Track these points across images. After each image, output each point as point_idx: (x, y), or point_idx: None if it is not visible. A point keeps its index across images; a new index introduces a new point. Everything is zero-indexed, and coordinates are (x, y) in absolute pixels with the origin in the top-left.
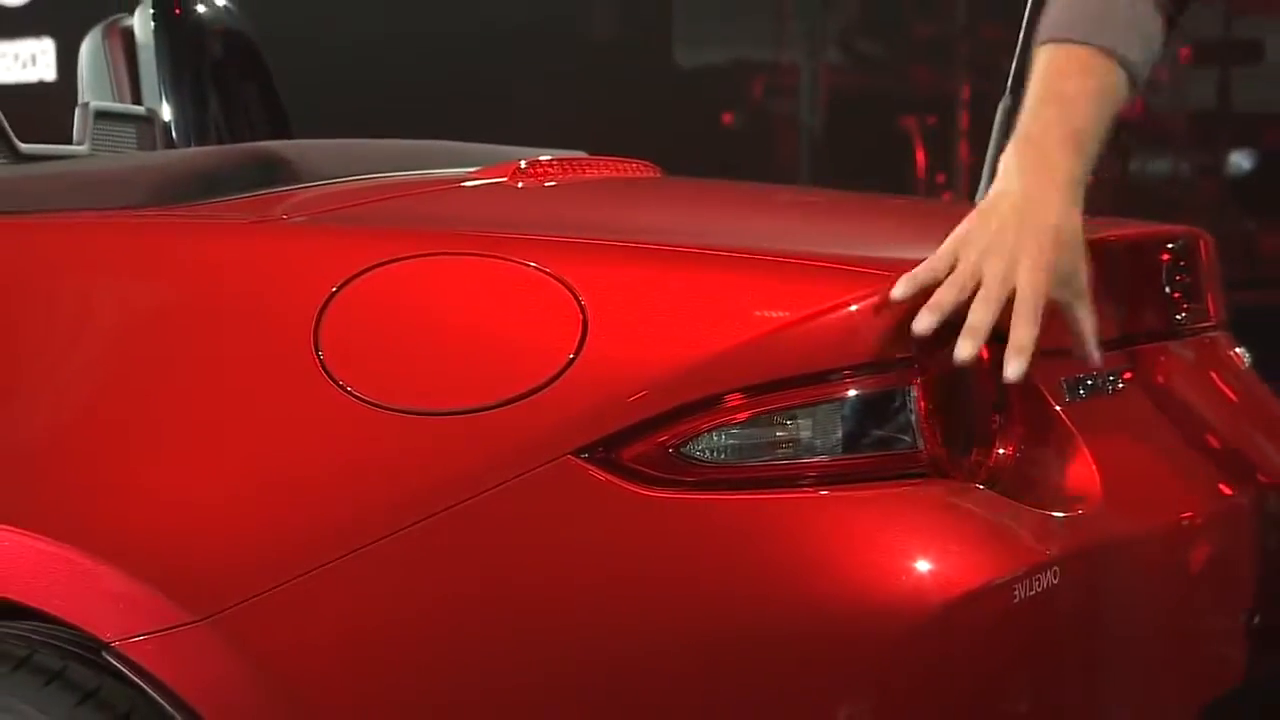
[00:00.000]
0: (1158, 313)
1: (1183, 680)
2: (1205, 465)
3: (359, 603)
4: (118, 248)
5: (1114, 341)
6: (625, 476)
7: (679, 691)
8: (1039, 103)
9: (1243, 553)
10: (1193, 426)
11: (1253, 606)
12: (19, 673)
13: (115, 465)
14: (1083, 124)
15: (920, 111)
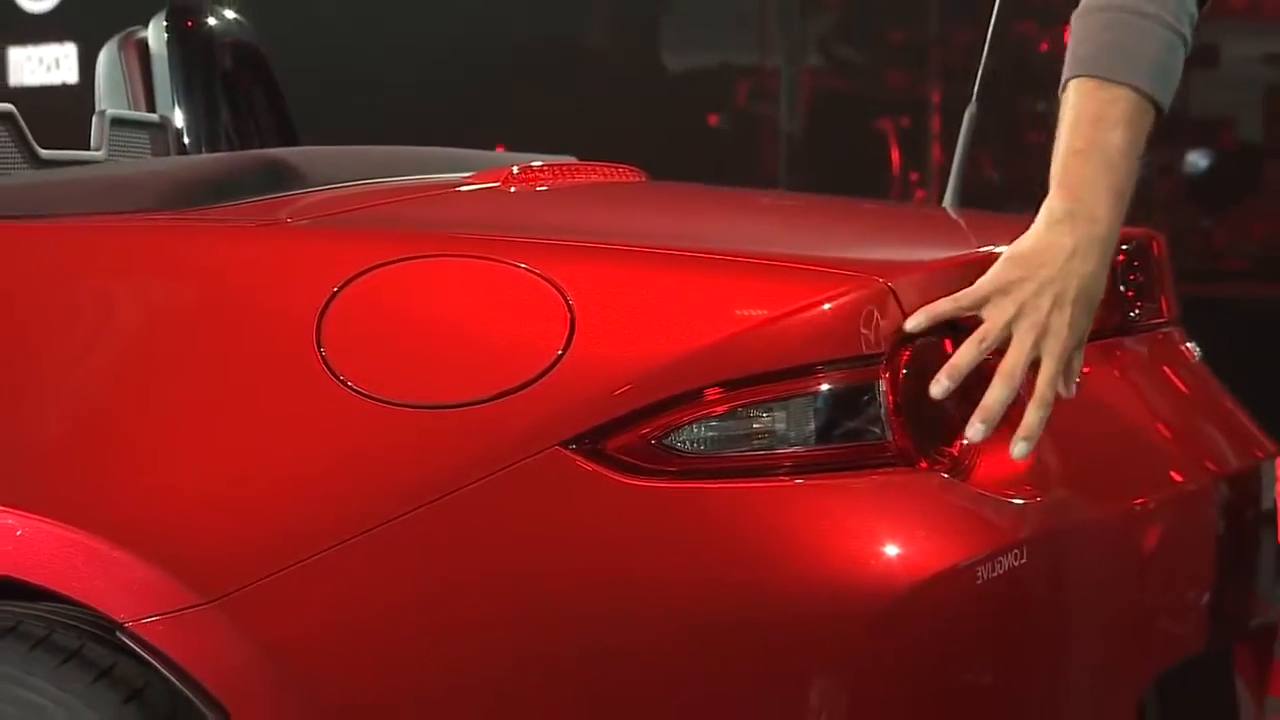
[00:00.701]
0: (1113, 310)
1: (1137, 653)
2: (1158, 454)
3: (358, 586)
4: (132, 250)
5: None
6: (611, 466)
7: (661, 670)
8: (1082, 154)
9: (1192, 535)
10: (1147, 418)
11: (1201, 585)
12: (38, 651)
13: (130, 457)
14: (1124, 181)
15: (894, 113)
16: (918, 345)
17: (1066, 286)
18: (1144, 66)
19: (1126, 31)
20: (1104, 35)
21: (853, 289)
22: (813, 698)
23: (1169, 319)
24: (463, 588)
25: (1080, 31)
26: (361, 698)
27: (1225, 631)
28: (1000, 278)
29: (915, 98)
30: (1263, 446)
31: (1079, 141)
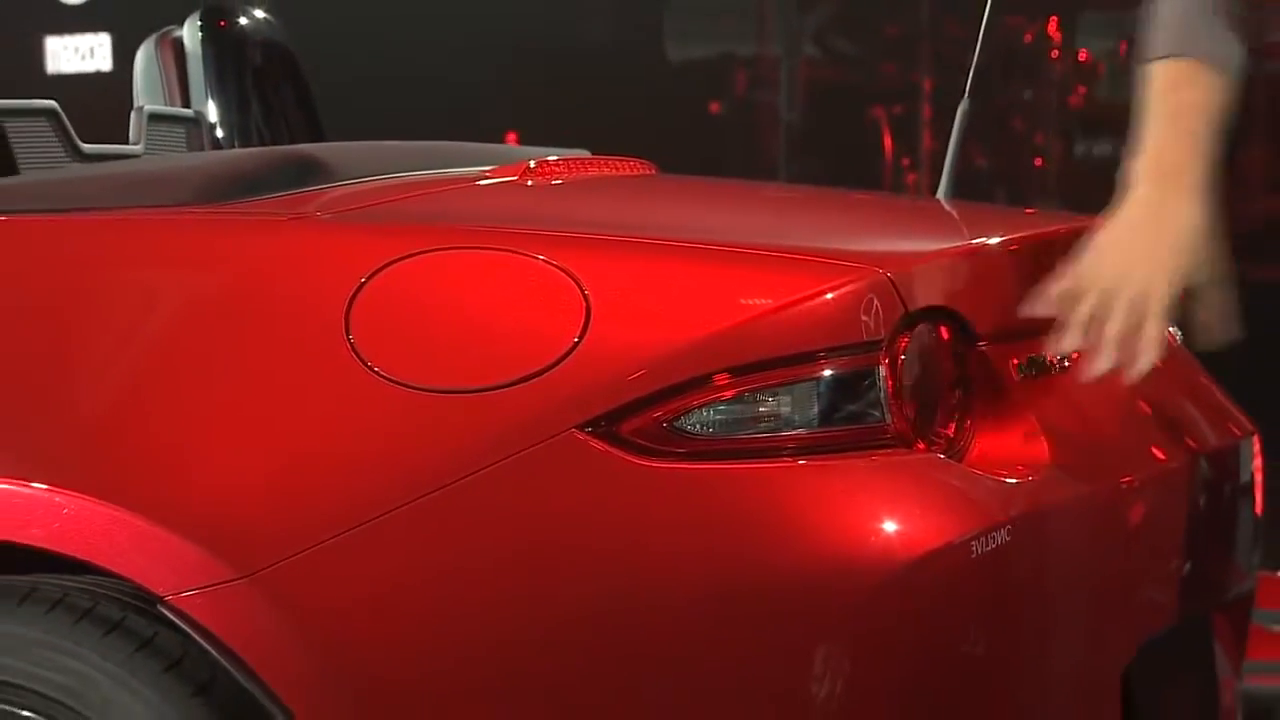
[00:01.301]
0: None
1: (1122, 624)
2: (1142, 434)
3: (385, 562)
4: (170, 242)
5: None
6: (624, 448)
7: (673, 639)
8: (1163, 117)
9: (1175, 511)
10: (1131, 399)
11: (1183, 558)
12: (84, 622)
13: (169, 439)
14: (1201, 129)
15: (886, 102)
16: (915, 332)
17: (1159, 233)
18: (1205, 41)
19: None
20: (1174, 26)
21: (854, 279)
22: (816, 664)
23: None
24: (485, 563)
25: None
26: (389, 668)
27: (1206, 601)
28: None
29: (907, 87)
30: (1241, 425)
31: (1160, 108)
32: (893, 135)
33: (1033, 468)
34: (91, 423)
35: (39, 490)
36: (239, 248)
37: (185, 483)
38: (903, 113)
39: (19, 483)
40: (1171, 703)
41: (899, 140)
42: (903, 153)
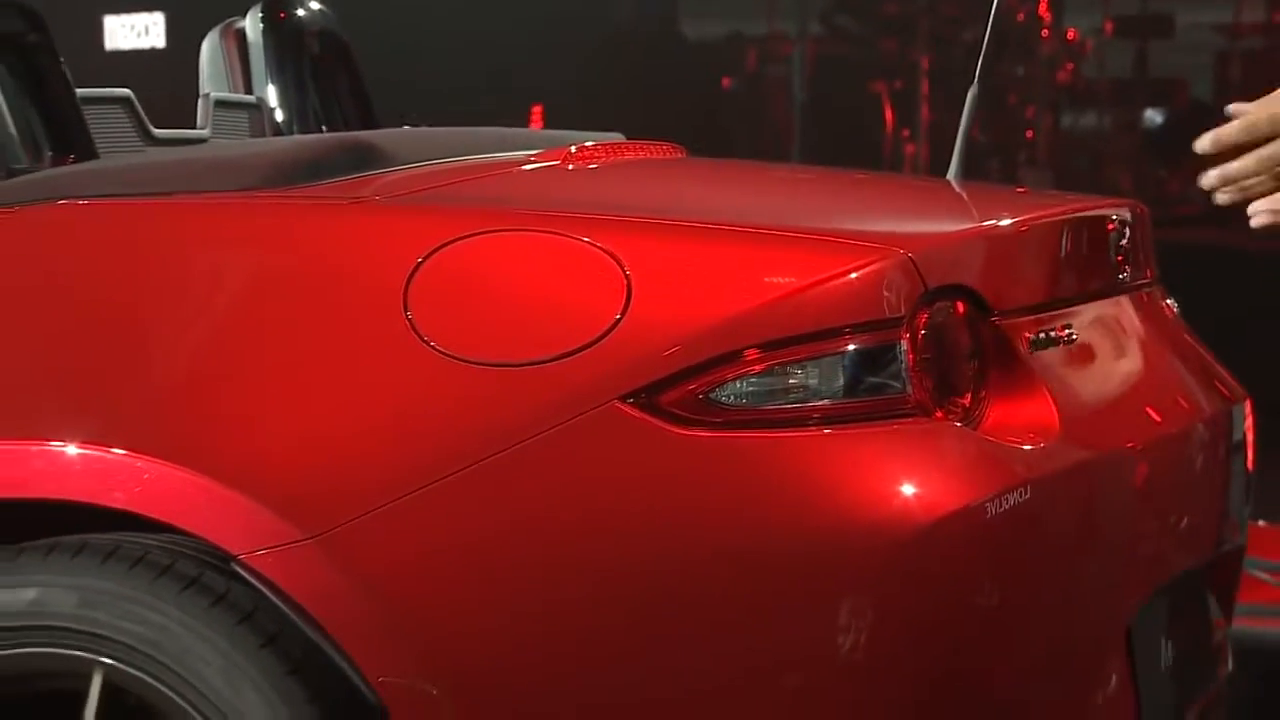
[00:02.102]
0: (1106, 274)
1: (1128, 579)
2: (1144, 401)
3: (440, 525)
4: (240, 225)
5: (1071, 300)
6: (663, 418)
7: (708, 597)
8: None
9: (1176, 473)
10: (1134, 369)
11: (1182, 517)
12: (163, 578)
13: (240, 408)
14: None
15: (890, 78)
16: (934, 309)
17: None
18: None
19: None
20: None
21: (877, 259)
22: (842, 618)
23: (1151, 280)
24: (533, 525)
25: None
26: (444, 622)
27: (1203, 555)
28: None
29: (909, 65)
30: (1234, 391)
31: None
32: (896, 110)
33: (1043, 434)
34: (169, 393)
35: (120, 456)
36: (304, 230)
37: (257, 449)
38: (904, 88)
39: (101, 448)
40: (1169, 651)
41: (903, 115)
42: (904, 126)
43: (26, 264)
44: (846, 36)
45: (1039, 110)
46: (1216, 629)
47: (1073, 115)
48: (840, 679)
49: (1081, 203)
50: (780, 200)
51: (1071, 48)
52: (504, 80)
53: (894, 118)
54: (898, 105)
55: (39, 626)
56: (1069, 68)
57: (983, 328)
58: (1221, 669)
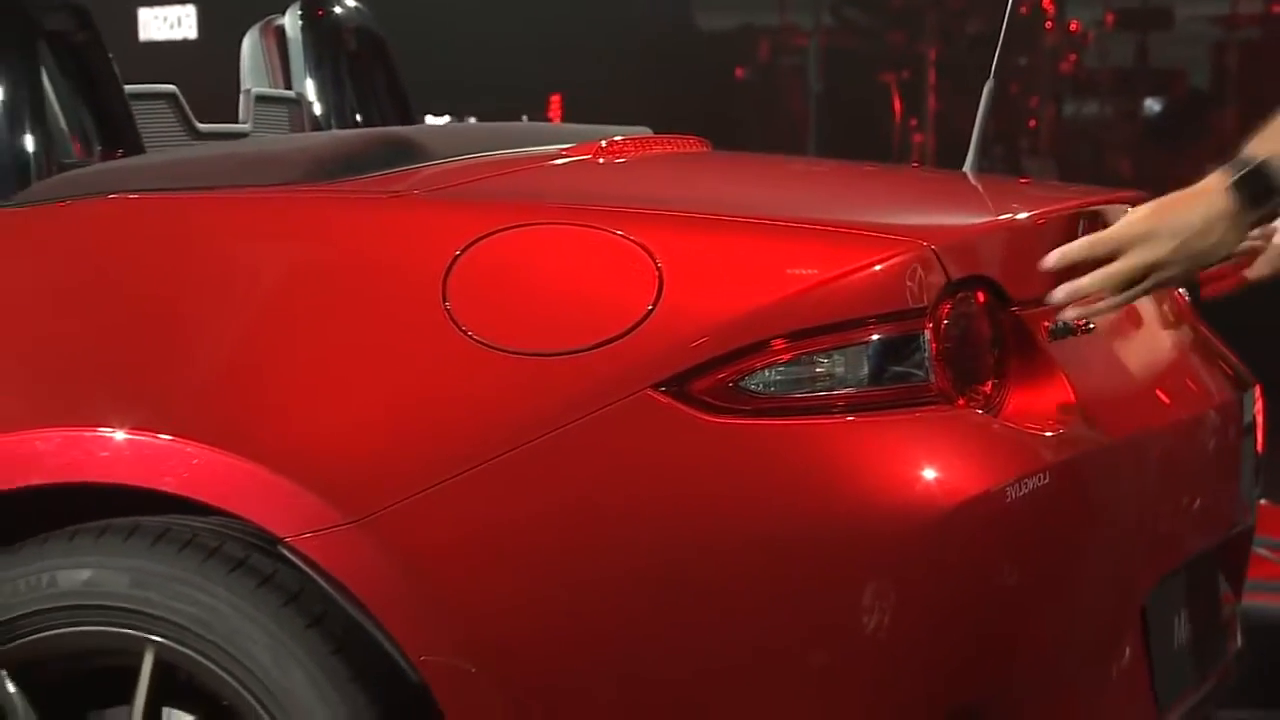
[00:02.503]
0: None
1: (1144, 560)
2: (1158, 388)
3: (478, 509)
4: (284, 218)
5: None
6: (694, 406)
7: (735, 576)
8: None
9: (1190, 457)
10: (1148, 357)
11: (1196, 500)
12: (212, 560)
13: (286, 397)
14: None
15: (897, 68)
16: (956, 299)
17: (1199, 251)
18: None
19: None
20: None
21: (900, 252)
22: (868, 599)
23: None
24: (567, 509)
25: None
26: (481, 602)
27: (1215, 536)
28: (1141, 230)
29: (915, 55)
30: (1244, 377)
31: None
32: (905, 100)
33: (1062, 420)
34: (217, 382)
35: (170, 442)
36: (345, 224)
37: (302, 436)
38: (912, 79)
39: (151, 435)
40: (1182, 629)
41: (911, 105)
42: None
43: (79, 257)
44: (856, 29)
45: (1042, 100)
46: (1226, 607)
47: (1075, 105)
48: (866, 658)
49: (1095, 195)
50: (805, 193)
51: (1074, 39)
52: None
53: (902, 107)
54: (906, 95)
55: (93, 606)
56: (1071, 58)
57: (1003, 317)
58: (1231, 645)
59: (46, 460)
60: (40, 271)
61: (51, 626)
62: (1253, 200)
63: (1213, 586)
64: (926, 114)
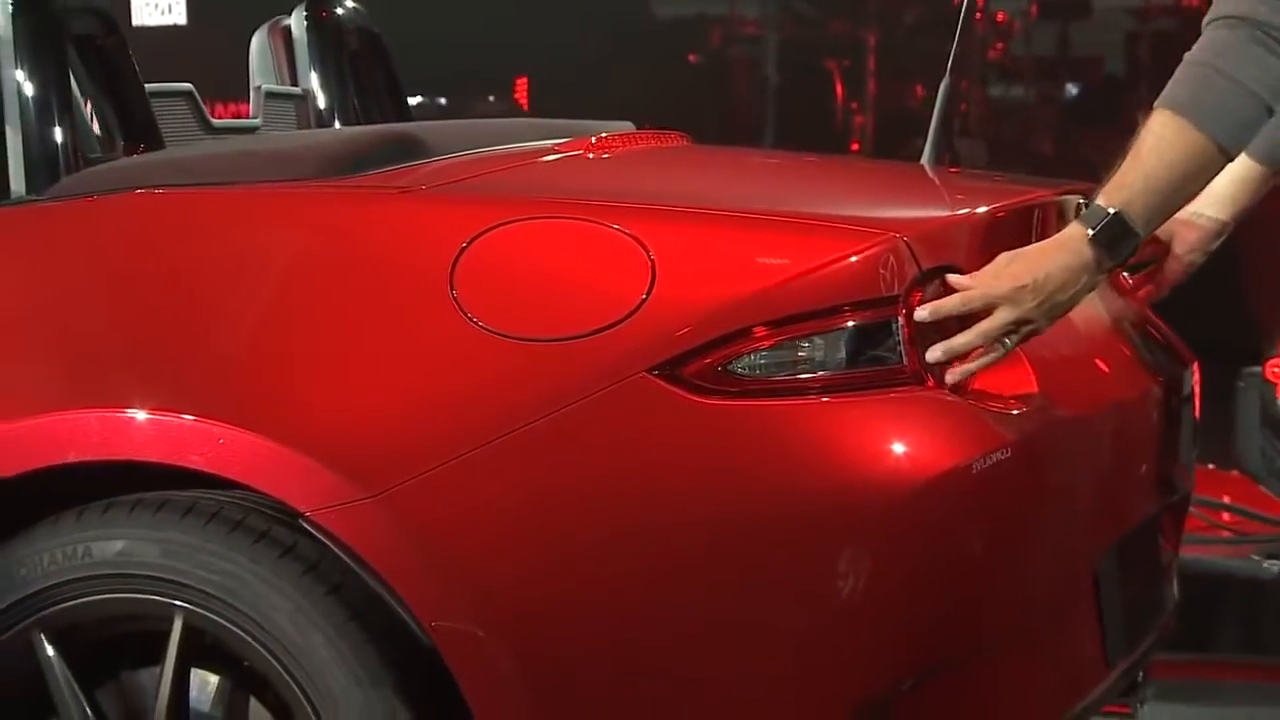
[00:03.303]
0: None
1: (1097, 528)
2: (1109, 367)
3: (486, 484)
4: (299, 213)
5: None
6: (686, 388)
7: (721, 544)
8: (1147, 179)
9: (1137, 432)
10: (1099, 338)
11: (1142, 472)
12: (236, 532)
13: (305, 380)
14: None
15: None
16: (928, 288)
17: (1061, 302)
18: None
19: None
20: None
21: (876, 243)
22: (846, 565)
23: None
24: (569, 484)
25: (1182, 76)
26: (489, 570)
27: (1160, 503)
28: (1009, 288)
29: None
30: (1185, 357)
31: (1149, 166)
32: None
33: (1022, 400)
34: (241, 366)
35: (197, 422)
36: (359, 217)
37: (321, 417)
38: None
39: (180, 415)
40: (1129, 588)
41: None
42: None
43: (109, 250)
44: (801, 18)
45: (971, 85)
46: (1166, 566)
47: (1001, 89)
48: (847, 619)
49: (1049, 188)
50: (785, 187)
51: (1000, 28)
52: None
53: (844, 91)
54: (847, 80)
55: (126, 575)
56: (999, 46)
57: None
58: (1169, 599)
59: (82, 439)
60: (74, 263)
61: (87, 594)
62: (1110, 249)
63: (1155, 547)
64: (867, 98)
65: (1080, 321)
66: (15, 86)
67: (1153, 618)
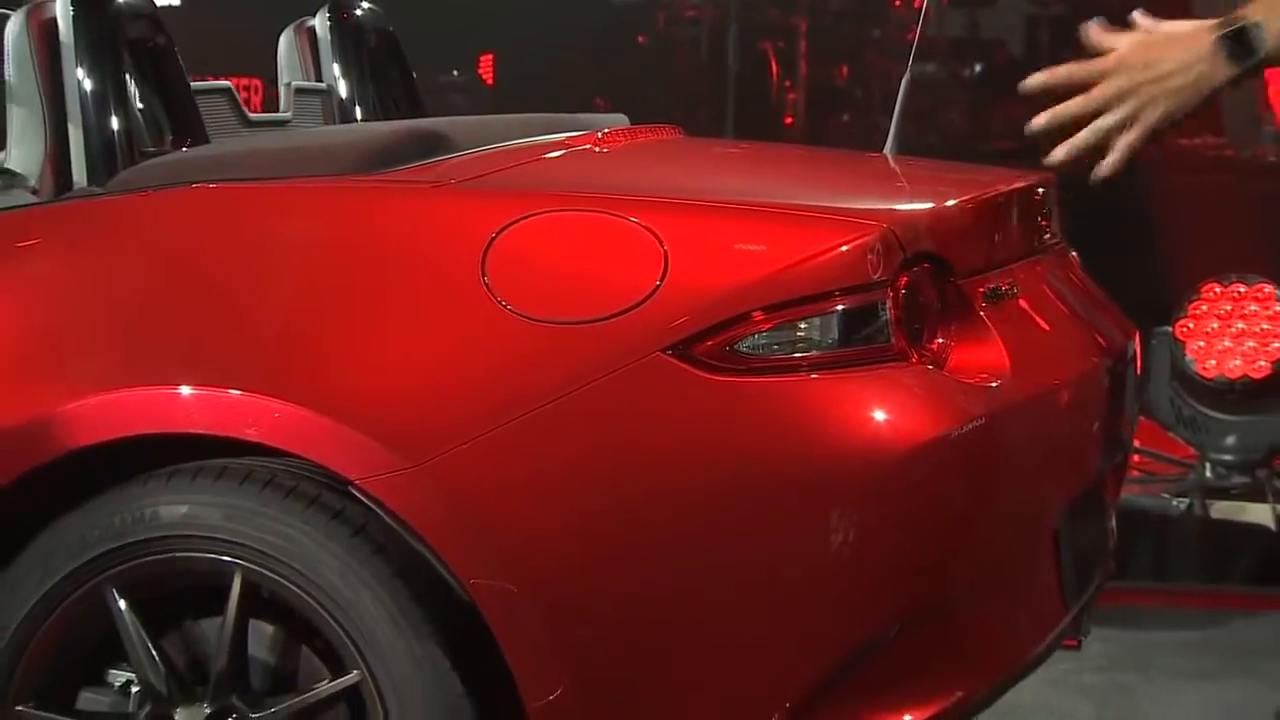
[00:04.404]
0: (1035, 236)
1: (1058, 488)
2: (1069, 340)
3: (518, 453)
4: (342, 205)
5: (1012, 259)
6: (696, 366)
7: (727, 507)
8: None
9: (1093, 400)
10: (1060, 314)
11: (1095, 436)
12: (289, 498)
13: (353, 361)
14: None
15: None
16: (911, 273)
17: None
18: None
19: None
20: None
21: (867, 233)
22: (841, 522)
23: (1060, 236)
24: (591, 453)
25: None
26: (518, 532)
27: (1109, 461)
28: (1123, 60)
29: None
30: (1129, 328)
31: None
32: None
33: (996, 373)
34: (296, 347)
35: (255, 398)
36: (396, 210)
37: (368, 393)
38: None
39: (239, 392)
40: (1081, 540)
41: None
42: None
43: (171, 239)
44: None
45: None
46: (1110, 516)
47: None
48: (845, 568)
49: (1015, 178)
50: (778, 179)
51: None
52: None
53: (779, 71)
54: (781, 62)
55: (189, 536)
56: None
57: (947, 286)
58: (1112, 542)
59: (151, 414)
60: (140, 252)
61: (155, 553)
62: (1231, 56)
63: (1102, 500)
64: (798, 76)
65: (1040, 299)
66: (76, 86)
67: (1100, 560)
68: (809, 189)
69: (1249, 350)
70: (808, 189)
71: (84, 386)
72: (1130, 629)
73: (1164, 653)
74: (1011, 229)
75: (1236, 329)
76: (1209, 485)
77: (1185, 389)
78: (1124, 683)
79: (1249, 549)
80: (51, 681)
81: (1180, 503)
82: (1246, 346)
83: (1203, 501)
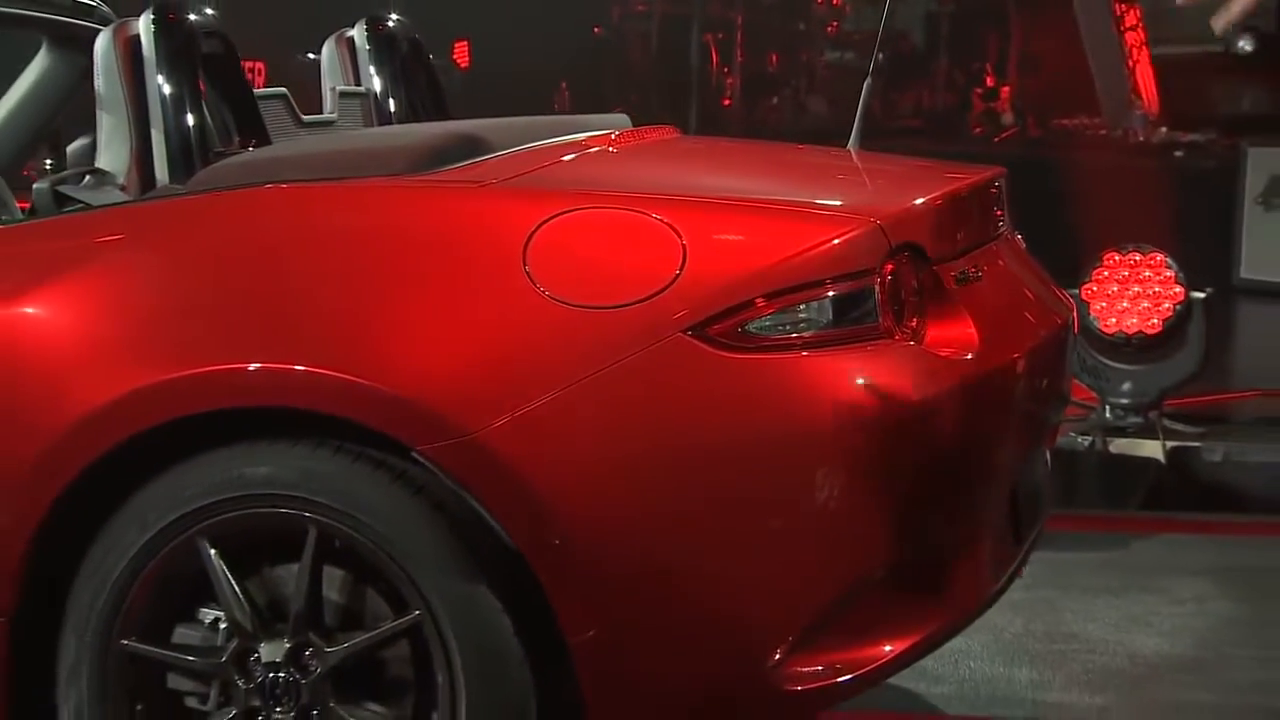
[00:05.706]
0: (992, 224)
1: (1019, 448)
2: (1025, 317)
3: (560, 423)
4: (399, 203)
5: (975, 245)
6: (713, 345)
7: (740, 470)
8: None
9: (1045, 369)
10: (1015, 293)
11: (1045, 401)
12: (358, 462)
13: (415, 342)
14: None
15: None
16: (895, 260)
17: None
18: None
19: None
20: None
21: (859, 226)
22: (835, 477)
23: (1008, 221)
24: (621, 421)
25: None
26: (558, 491)
27: (1056, 419)
28: None
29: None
30: (1066, 301)
31: None
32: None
33: (967, 346)
34: (365, 330)
35: (330, 374)
36: (446, 207)
37: (429, 371)
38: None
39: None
40: (1030, 484)
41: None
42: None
43: (251, 234)
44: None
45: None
46: (1047, 465)
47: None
48: (835, 517)
49: (977, 172)
50: (776, 177)
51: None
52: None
53: (718, 58)
54: (720, 51)
55: (271, 494)
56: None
57: (925, 272)
58: (1051, 484)
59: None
60: (224, 246)
61: (240, 508)
62: None
63: (1044, 463)
64: (735, 62)
65: (1000, 281)
66: (158, 93)
67: (1044, 502)
68: (804, 186)
69: (1144, 310)
70: (803, 186)
71: (173, 365)
72: (1048, 550)
73: (1078, 571)
74: (975, 218)
75: (1133, 291)
76: (1108, 425)
77: (1089, 342)
78: (1047, 598)
79: (1142, 479)
80: (151, 619)
81: (1084, 440)
82: (1142, 307)
83: (1103, 439)
